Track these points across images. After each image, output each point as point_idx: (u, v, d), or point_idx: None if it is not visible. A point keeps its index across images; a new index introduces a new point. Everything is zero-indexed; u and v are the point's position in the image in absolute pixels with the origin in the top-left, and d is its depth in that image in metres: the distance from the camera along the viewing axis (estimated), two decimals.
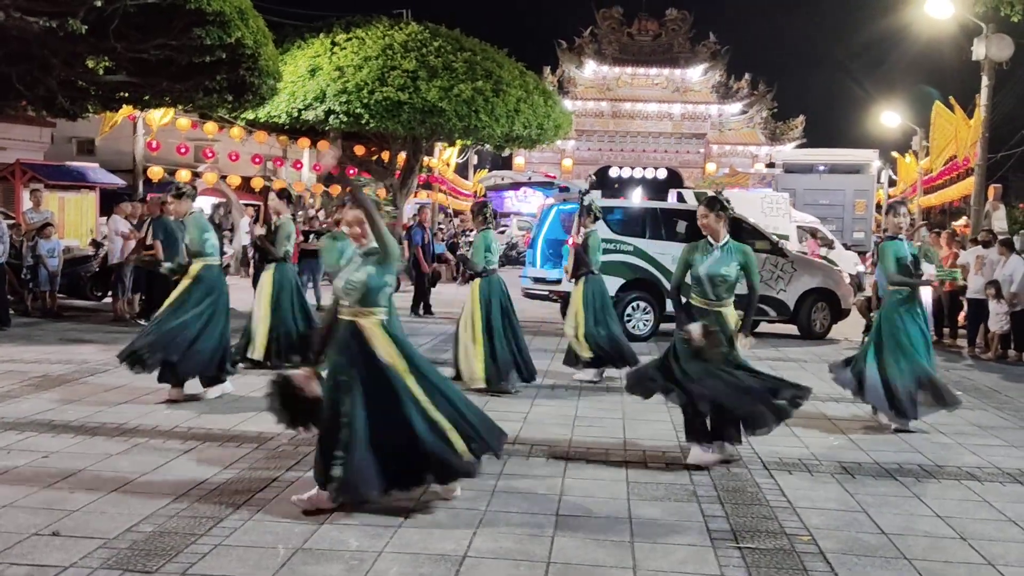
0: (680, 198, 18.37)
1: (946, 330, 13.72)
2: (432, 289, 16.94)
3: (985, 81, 18.85)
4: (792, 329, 13.93)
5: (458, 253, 23.46)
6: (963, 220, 28.64)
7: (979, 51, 18.44)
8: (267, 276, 9.31)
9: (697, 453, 6.14)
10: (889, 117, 33.94)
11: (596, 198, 14.06)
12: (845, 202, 29.47)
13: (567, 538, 4.69)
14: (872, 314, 13.50)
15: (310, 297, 16.24)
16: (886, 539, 4.81)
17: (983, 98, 19.16)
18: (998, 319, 12.22)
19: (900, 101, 35.64)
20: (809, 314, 13.82)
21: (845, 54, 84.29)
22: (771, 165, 42.70)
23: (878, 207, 34.16)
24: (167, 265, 9.21)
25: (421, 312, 15.70)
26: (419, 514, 4.98)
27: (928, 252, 8.13)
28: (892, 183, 39.26)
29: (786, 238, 18.31)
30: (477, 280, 8.86)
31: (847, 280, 14.98)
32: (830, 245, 22.19)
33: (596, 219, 9.87)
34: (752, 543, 4.69)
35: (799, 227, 22.09)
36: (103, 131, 20.82)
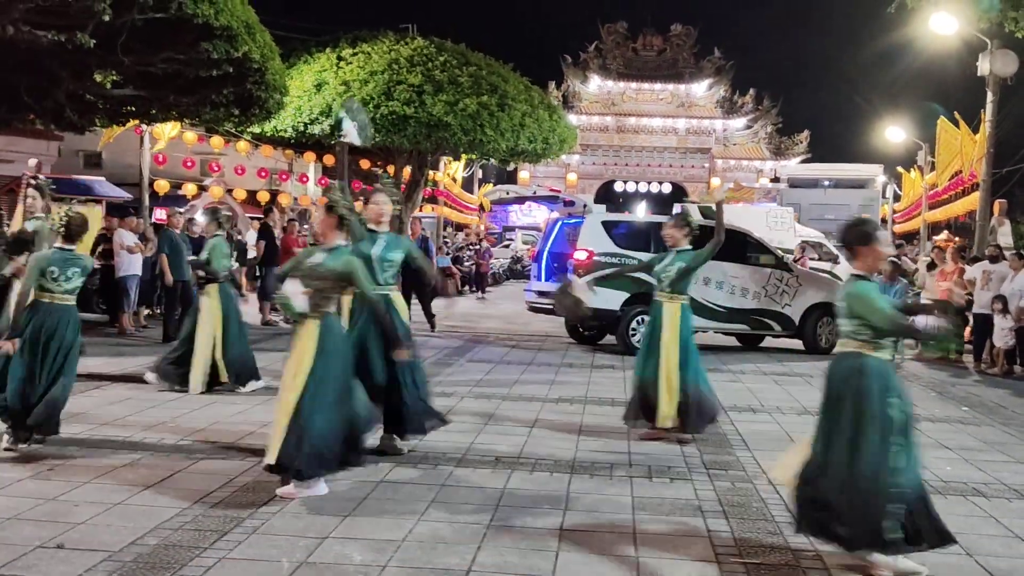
0: None
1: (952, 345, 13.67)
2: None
3: (990, 97, 18.87)
4: (798, 344, 13.90)
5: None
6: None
7: (984, 67, 18.46)
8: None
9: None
10: (894, 132, 33.93)
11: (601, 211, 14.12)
12: (850, 217, 29.51)
13: (572, 552, 4.68)
14: None
15: None
16: None
17: (988, 114, 19.16)
18: (1003, 335, 12.19)
19: (905, 116, 35.56)
20: (815, 329, 13.78)
21: (850, 69, 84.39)
22: (776, 180, 42.76)
23: (883, 222, 34.14)
24: None
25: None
26: (423, 528, 4.98)
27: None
28: (897, 198, 39.26)
29: (791, 252, 18.32)
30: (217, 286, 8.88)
31: None
32: (834, 260, 22.17)
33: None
34: (757, 558, 4.67)
35: (804, 241, 22.08)
36: (104, 141, 20.87)
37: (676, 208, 21.07)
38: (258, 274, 17.00)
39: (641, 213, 26.14)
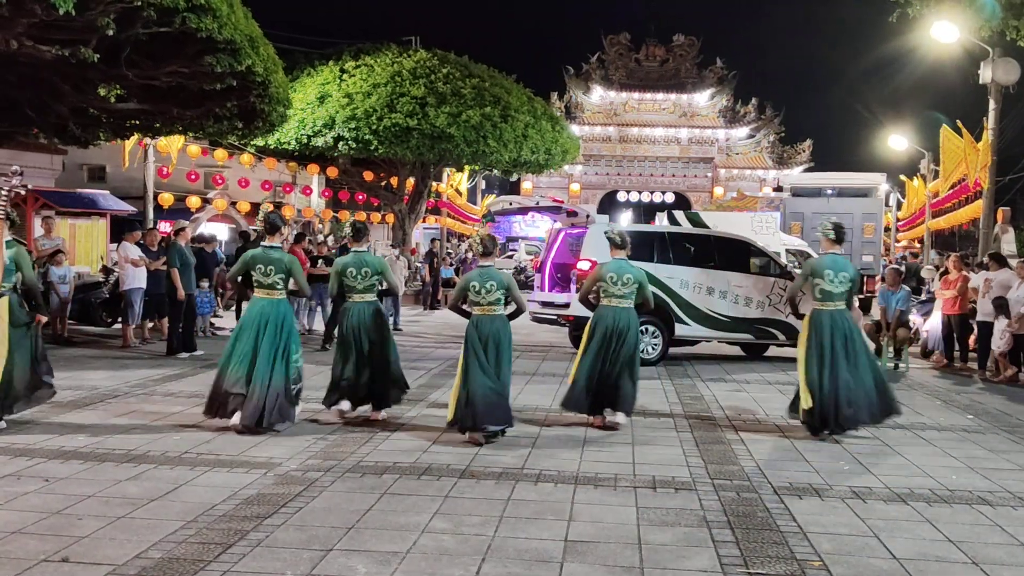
0: (672, 220, 18.37)
1: (956, 353, 13.65)
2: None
3: (992, 104, 18.88)
4: None
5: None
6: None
7: (986, 75, 18.48)
8: None
9: None
10: (896, 141, 33.95)
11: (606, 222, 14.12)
12: (853, 225, 29.39)
13: (576, 564, 4.67)
14: (881, 337, 13.47)
15: (317, 323, 16.30)
16: (897, 564, 4.78)
17: (990, 122, 19.18)
18: (999, 336, 12.17)
19: (907, 125, 35.71)
20: None
21: (852, 78, 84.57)
22: (778, 189, 42.77)
23: (887, 230, 34.13)
24: None
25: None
26: (427, 540, 4.97)
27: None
28: (900, 206, 39.26)
29: (778, 255, 18.31)
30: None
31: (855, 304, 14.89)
32: None
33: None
34: (763, 569, 4.66)
35: (787, 250, 21.99)
36: (124, 162, 20.86)
37: (661, 218, 21.09)
38: None
39: (626, 222, 26.10)
